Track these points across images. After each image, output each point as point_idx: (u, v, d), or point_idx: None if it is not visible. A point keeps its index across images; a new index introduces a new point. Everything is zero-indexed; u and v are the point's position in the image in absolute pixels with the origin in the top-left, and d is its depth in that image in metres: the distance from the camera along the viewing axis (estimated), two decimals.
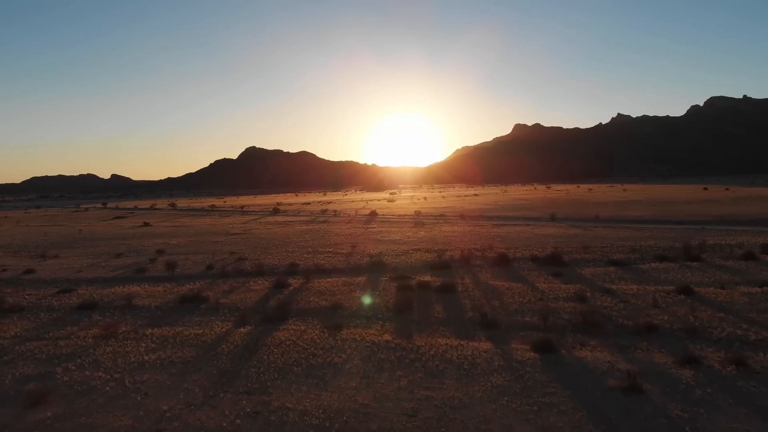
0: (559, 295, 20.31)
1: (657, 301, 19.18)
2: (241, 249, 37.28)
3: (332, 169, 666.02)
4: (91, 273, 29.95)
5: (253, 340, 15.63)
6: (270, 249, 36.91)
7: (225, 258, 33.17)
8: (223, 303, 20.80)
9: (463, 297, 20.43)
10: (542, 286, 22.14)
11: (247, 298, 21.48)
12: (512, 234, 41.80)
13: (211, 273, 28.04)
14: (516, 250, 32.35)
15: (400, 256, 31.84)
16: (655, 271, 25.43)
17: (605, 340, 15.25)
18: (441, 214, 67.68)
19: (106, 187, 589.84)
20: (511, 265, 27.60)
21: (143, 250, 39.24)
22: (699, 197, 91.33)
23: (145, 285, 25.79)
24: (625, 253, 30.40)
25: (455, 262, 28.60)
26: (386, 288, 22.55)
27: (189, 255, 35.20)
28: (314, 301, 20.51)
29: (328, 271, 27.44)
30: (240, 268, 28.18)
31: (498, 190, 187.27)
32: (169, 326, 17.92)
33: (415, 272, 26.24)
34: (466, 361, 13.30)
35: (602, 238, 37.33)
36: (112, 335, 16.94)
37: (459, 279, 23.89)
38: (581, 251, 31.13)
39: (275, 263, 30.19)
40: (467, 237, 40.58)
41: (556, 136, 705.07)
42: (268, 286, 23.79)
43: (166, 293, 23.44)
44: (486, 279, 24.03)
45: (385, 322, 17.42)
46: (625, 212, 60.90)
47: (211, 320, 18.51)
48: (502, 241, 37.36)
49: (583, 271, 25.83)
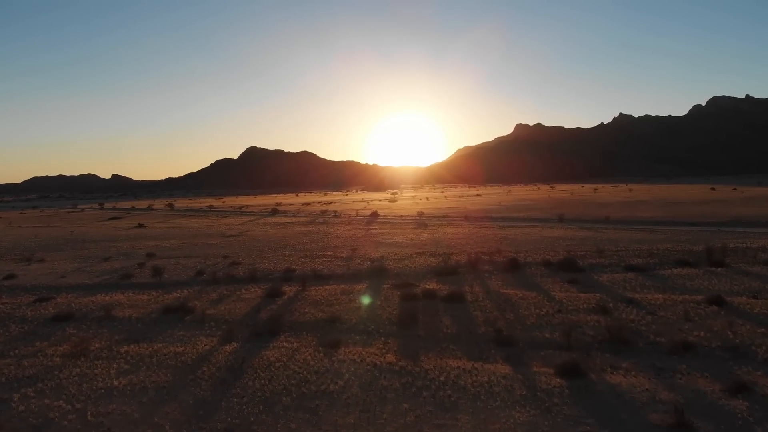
0: (578, 306, 18.46)
1: (688, 313, 17.34)
2: (236, 252, 35.47)
3: (333, 169, 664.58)
4: (75, 279, 28.15)
5: (238, 360, 13.80)
6: (266, 252, 35.09)
7: (217, 262, 31.36)
8: (210, 314, 18.98)
9: (474, 308, 18.58)
10: (559, 295, 20.29)
11: (237, 309, 19.65)
12: (520, 236, 39.95)
13: (201, 279, 26.22)
14: (526, 253, 30.50)
15: (402, 260, 30.01)
16: (678, 277, 23.58)
17: (638, 360, 13.41)
18: (444, 215, 65.85)
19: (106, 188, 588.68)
20: (522, 270, 25.75)
21: (133, 253, 37.43)
22: (708, 198, 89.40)
23: (129, 292, 23.98)
24: (643, 258, 28.56)
25: (462, 267, 26.76)
26: (388, 297, 20.71)
27: (180, 259, 33.39)
28: (310, 312, 18.68)
29: (326, 277, 25.60)
30: (232, 274, 26.36)
31: (501, 190, 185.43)
32: (147, 342, 16.10)
33: (420, 278, 24.41)
34: (482, 390, 11.45)
35: (615, 241, 35.47)
36: (82, 353, 15.13)
37: (467, 287, 22.05)
38: (596, 255, 29.28)
39: (270, 268, 28.37)
40: (473, 239, 38.74)
41: (557, 136, 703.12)
42: (261, 294, 21.97)
43: (150, 302, 21.62)
44: (497, 286, 22.19)
45: (388, 338, 15.59)
46: (635, 213, 59.03)
47: (194, 335, 16.69)
48: (510, 243, 35.52)
49: (600, 277, 23.99)
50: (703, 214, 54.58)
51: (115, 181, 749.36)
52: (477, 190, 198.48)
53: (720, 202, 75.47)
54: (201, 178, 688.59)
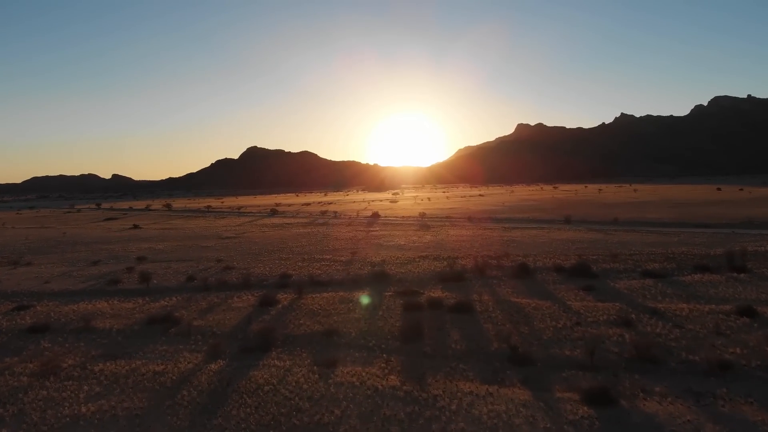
0: (598, 318, 16.93)
1: (719, 326, 15.82)
2: (231, 256, 33.96)
3: (334, 169, 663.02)
4: (59, 284, 26.66)
5: (223, 383, 12.29)
6: (262, 256, 33.58)
7: (210, 266, 29.85)
8: (198, 326, 17.47)
9: (484, 320, 17.05)
10: (575, 304, 18.77)
11: (227, 320, 18.14)
12: (527, 239, 38.40)
13: (191, 285, 24.72)
14: (535, 258, 28.98)
15: (405, 264, 28.50)
16: (700, 284, 22.05)
17: (672, 383, 11.91)
18: (447, 216, 64.26)
19: (106, 188, 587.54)
20: (533, 276, 24.23)
21: (124, 256, 35.95)
22: (715, 198, 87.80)
23: (114, 300, 22.51)
24: (660, 262, 27.03)
25: (468, 272, 25.24)
26: (390, 306, 19.20)
27: (172, 263, 31.89)
28: (305, 324, 17.16)
29: (324, 283, 24.08)
30: (224, 280, 24.85)
31: (503, 191, 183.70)
32: (126, 359, 14.61)
33: (424, 285, 22.90)
34: (500, 422, 9.93)
35: (628, 244, 33.93)
36: (52, 372, 13.65)
37: (476, 295, 20.53)
38: (609, 260, 27.75)
39: (265, 273, 26.86)
40: (478, 242, 37.20)
41: (559, 136, 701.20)
42: (254, 302, 20.46)
43: (135, 311, 20.13)
44: (507, 295, 20.67)
45: (390, 355, 14.08)
46: (643, 214, 57.45)
47: (178, 350, 15.19)
48: (517, 247, 33.98)
49: (617, 284, 22.46)
50: (713, 216, 53.03)
51: (115, 181, 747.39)
52: (479, 191, 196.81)
53: (728, 203, 73.90)
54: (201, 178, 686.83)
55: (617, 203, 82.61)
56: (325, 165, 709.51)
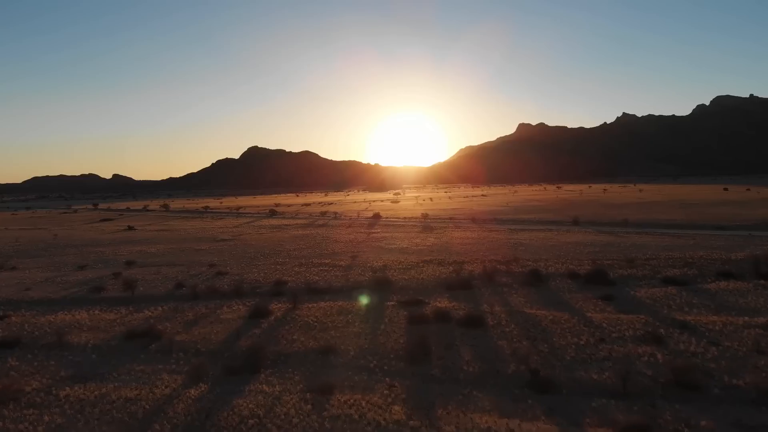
0: (624, 333, 15.29)
1: (758, 343, 14.21)
2: (224, 260, 32.34)
3: (335, 169, 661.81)
4: (40, 291, 25.06)
5: (202, 414, 10.66)
6: (257, 260, 31.96)
7: (202, 272, 28.23)
8: (181, 341, 15.86)
9: (497, 335, 15.41)
10: (596, 317, 17.13)
11: (213, 334, 16.51)
12: (535, 241, 36.73)
13: (179, 293, 23.10)
14: (546, 263, 27.33)
15: (408, 269, 26.87)
16: (727, 293, 20.42)
17: (718, 415, 10.31)
18: (450, 217, 62.57)
19: (107, 188, 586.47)
20: (546, 284, 22.59)
21: (113, 260, 34.34)
22: (724, 199, 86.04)
23: (95, 310, 20.89)
24: (679, 268, 25.39)
25: (476, 278, 23.61)
26: (393, 318, 17.56)
27: (162, 267, 30.27)
28: (299, 339, 15.53)
29: (322, 291, 22.45)
30: (215, 287, 23.23)
31: (506, 191, 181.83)
32: (97, 381, 13.01)
33: (429, 293, 21.28)
34: None
35: (642, 247, 32.28)
36: (13, 397, 12.04)
37: (486, 305, 18.89)
38: (626, 265, 26.09)
39: (259, 279, 25.23)
40: (484, 245, 35.54)
41: (560, 136, 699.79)
42: (244, 313, 18.83)
43: (115, 324, 18.51)
44: (520, 305, 19.04)
45: (394, 378, 12.45)
46: (653, 215, 55.74)
47: (156, 371, 13.57)
48: (526, 250, 32.34)
49: (637, 292, 20.82)
50: (725, 217, 51.36)
51: (115, 181, 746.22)
52: (481, 191, 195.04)
53: (738, 204, 72.19)
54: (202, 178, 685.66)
55: (624, 203, 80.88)
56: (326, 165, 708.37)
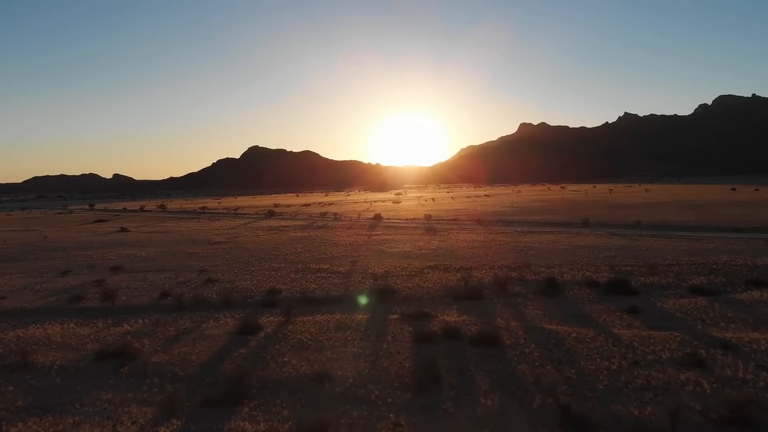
0: (659, 354, 13.41)
1: None
2: (216, 265, 30.47)
3: (336, 169, 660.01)
4: (16, 300, 23.23)
5: None
6: (251, 265, 30.10)
7: (191, 278, 26.36)
8: (157, 363, 13.99)
9: (516, 357, 13.52)
10: (624, 334, 15.23)
11: (194, 355, 14.63)
12: (545, 245, 34.81)
13: (163, 304, 21.24)
14: (561, 269, 25.44)
15: (412, 276, 24.99)
16: (762, 304, 18.55)
17: None
18: (454, 218, 60.60)
19: (107, 187, 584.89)
20: (563, 293, 20.71)
21: (100, 264, 32.49)
22: (734, 199, 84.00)
23: (70, 323, 19.04)
24: (704, 275, 23.50)
25: (487, 287, 21.73)
26: (397, 335, 15.67)
27: (150, 273, 28.41)
28: (290, 362, 13.65)
29: (319, 301, 20.58)
30: (203, 297, 21.36)
31: (509, 191, 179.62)
32: (56, 414, 11.21)
33: (436, 305, 19.41)
34: None
35: (660, 252, 30.39)
36: None
37: (500, 319, 17.00)
38: (646, 272, 24.20)
39: (251, 288, 23.36)
40: (492, 249, 33.64)
41: (562, 135, 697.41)
42: (232, 328, 16.96)
43: (88, 340, 16.64)
44: (537, 319, 17.15)
45: (400, 413, 10.58)
46: (665, 217, 53.77)
47: (126, 400, 11.72)
48: (536, 255, 30.43)
49: (664, 304, 18.94)
50: (739, 219, 49.44)
51: (116, 180, 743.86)
52: (484, 191, 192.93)
53: (749, 205, 70.23)
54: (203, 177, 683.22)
55: (632, 204, 78.87)
56: (327, 164, 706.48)
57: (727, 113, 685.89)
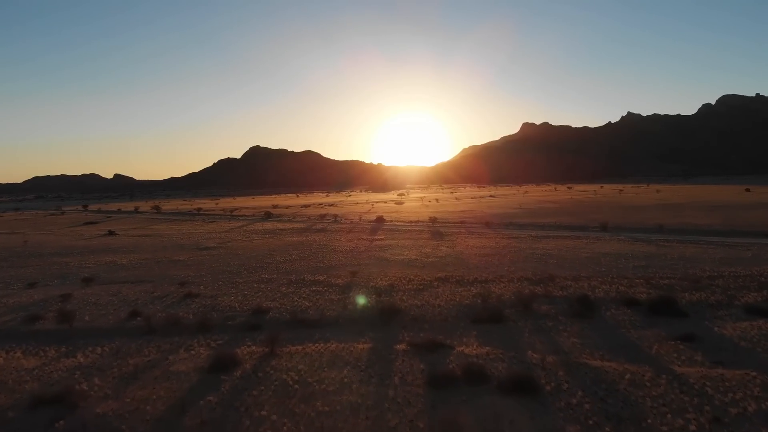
0: (743, 406, 10.39)
1: None
2: (200, 275, 27.44)
3: (338, 169, 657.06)
4: None
5: None
6: (239, 275, 27.06)
7: (170, 293, 23.31)
8: (101, 416, 10.97)
9: (562, 411, 10.45)
10: (688, 372, 12.18)
11: (152, 401, 11.59)
12: (566, 252, 31.71)
13: (131, 326, 18.21)
14: (589, 282, 22.37)
15: (420, 291, 21.93)
16: None
17: None
18: (460, 221, 57.43)
19: (107, 187, 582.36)
20: (599, 314, 17.64)
21: (75, 274, 29.49)
22: (752, 201, 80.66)
23: (17, 351, 16.03)
24: (756, 291, 20.48)
25: (508, 306, 18.67)
26: (406, 376, 12.60)
27: (125, 286, 25.39)
28: (269, 419, 10.60)
29: (311, 324, 17.53)
30: (177, 318, 18.33)
31: (515, 191, 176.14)
32: None
33: (451, 329, 16.37)
34: None
35: (695, 261, 27.30)
36: None
37: (531, 351, 13.94)
38: (689, 286, 21.13)
39: (235, 305, 20.30)
40: (507, 257, 30.53)
41: (564, 135, 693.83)
42: (203, 363, 13.90)
43: (29, 377, 13.62)
44: (577, 351, 14.08)
45: None
46: (686, 220, 50.59)
47: None
48: (558, 264, 27.35)
49: (722, 329, 15.88)
50: (764, 221, 46.30)
51: (117, 180, 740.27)
52: (489, 191, 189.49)
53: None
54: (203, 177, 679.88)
55: (646, 206, 75.67)
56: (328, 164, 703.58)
57: (730, 113, 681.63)
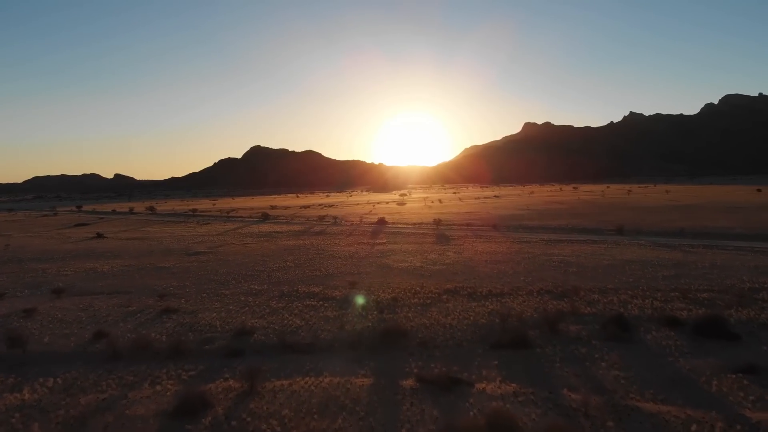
0: None
1: None
2: (184, 285, 24.88)
3: (339, 169, 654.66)
4: None
5: None
6: (226, 286, 24.51)
7: (146, 307, 20.74)
8: None
9: None
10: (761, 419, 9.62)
11: None
12: (584, 259, 29.10)
13: (92, 350, 15.67)
14: (618, 295, 19.79)
15: (428, 306, 19.36)
16: None
17: None
18: (466, 223, 54.73)
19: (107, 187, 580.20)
20: (638, 336, 15.06)
21: (49, 283, 26.97)
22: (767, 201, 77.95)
23: None
24: None
25: (531, 325, 16.10)
26: (416, 427, 10.05)
27: (98, 298, 22.85)
28: None
29: (302, 349, 14.97)
30: (148, 340, 15.79)
31: (520, 191, 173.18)
32: None
33: (466, 357, 13.82)
34: None
35: (729, 270, 24.70)
36: None
37: (567, 390, 11.38)
38: (733, 302, 18.51)
39: (216, 324, 17.73)
40: (521, 264, 27.91)
41: (566, 135, 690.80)
42: (167, 404, 11.36)
43: None
44: (622, 388, 11.51)
45: None
46: (703, 222, 47.93)
47: None
48: (579, 273, 24.76)
49: None
50: None
51: (117, 180, 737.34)
52: (492, 191, 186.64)
53: None
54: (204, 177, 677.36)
55: (658, 207, 72.94)
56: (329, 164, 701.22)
57: (733, 112, 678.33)
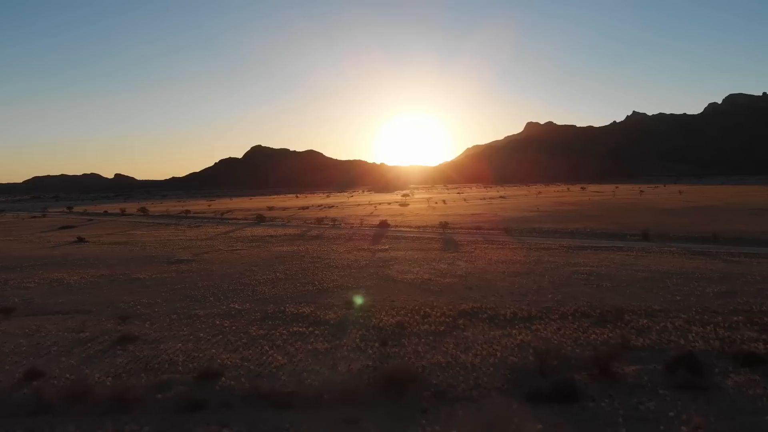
0: None
1: None
2: (154, 304, 21.38)
3: (340, 169, 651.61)
4: None
5: None
6: (203, 304, 21.03)
7: (101, 334, 17.24)
8: None
9: None
10: None
11: None
12: (615, 269, 25.57)
13: (17, 397, 12.23)
14: (672, 321, 16.29)
15: (441, 336, 15.86)
16: None
17: None
18: (475, 227, 51.09)
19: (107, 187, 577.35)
20: (716, 382, 11.59)
21: (3, 298, 23.54)
22: None
23: None
24: None
25: (575, 365, 12.66)
26: None
27: (51, 319, 19.41)
28: None
29: (280, 402, 11.51)
30: (87, 384, 12.37)
31: (526, 192, 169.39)
32: None
33: (498, 416, 10.38)
34: None
35: None
36: None
37: None
38: None
39: (178, 360, 14.22)
40: (545, 276, 24.37)
41: (569, 135, 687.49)
42: None
43: None
44: None
45: None
46: (732, 225, 44.34)
47: None
48: (614, 289, 21.25)
49: None
50: None
51: (117, 180, 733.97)
52: (498, 191, 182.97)
53: None
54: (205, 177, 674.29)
55: (677, 209, 69.35)
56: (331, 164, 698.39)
57: (737, 112, 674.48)
